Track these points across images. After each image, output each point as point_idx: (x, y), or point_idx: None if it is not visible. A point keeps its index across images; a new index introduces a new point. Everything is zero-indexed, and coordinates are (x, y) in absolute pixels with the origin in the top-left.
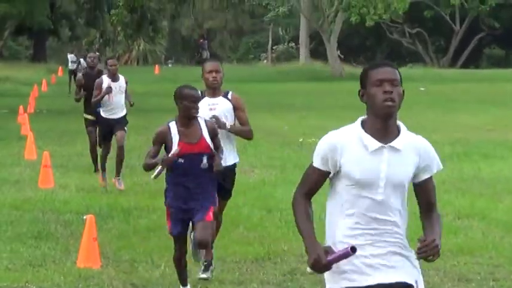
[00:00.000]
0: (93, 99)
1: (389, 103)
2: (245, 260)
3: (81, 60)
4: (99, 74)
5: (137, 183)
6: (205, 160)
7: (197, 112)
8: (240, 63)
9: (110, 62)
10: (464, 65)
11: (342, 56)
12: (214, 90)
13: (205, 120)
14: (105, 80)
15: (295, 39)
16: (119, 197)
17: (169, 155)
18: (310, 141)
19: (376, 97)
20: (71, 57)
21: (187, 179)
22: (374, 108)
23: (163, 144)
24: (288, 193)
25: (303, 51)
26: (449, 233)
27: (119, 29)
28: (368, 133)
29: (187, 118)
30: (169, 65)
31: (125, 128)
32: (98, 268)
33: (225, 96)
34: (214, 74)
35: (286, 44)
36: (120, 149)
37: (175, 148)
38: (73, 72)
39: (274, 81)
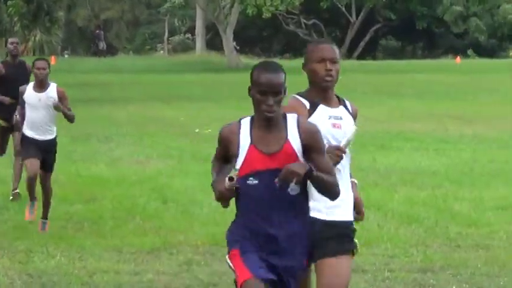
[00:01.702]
0: (15, 115)
1: None
2: (141, 251)
3: None
4: (22, 65)
5: None
6: (293, 182)
7: (272, 112)
8: (136, 54)
9: (37, 63)
10: (361, 56)
11: (238, 47)
12: (326, 93)
13: (298, 118)
14: (29, 89)
15: (192, 30)
16: None
17: (227, 183)
18: (207, 132)
19: None
20: None
21: (266, 214)
22: None
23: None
24: (184, 184)
25: (199, 42)
26: None
27: (16, 19)
28: None
29: (262, 119)
30: (66, 56)
31: (52, 166)
32: None
33: (344, 105)
34: (328, 65)
35: (182, 35)
36: (45, 189)
37: (239, 161)
38: None
39: (171, 72)
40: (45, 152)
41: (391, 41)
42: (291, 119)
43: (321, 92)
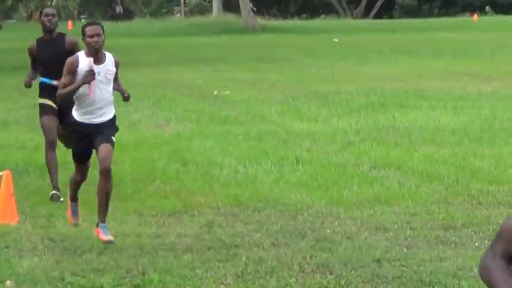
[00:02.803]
0: (60, 91)
1: None
2: (162, 213)
3: None
4: (59, 40)
5: None
6: None
7: None
8: (153, 18)
9: (89, 29)
10: (377, 16)
11: (255, 9)
12: None
13: None
14: (83, 60)
15: None
16: (34, 153)
17: None
18: (225, 94)
19: None
20: None
21: None
22: None
23: None
24: (203, 146)
25: (216, 4)
26: (365, 183)
27: None
28: None
29: None
30: (83, 21)
31: (112, 137)
32: (15, 224)
33: None
34: None
35: None
36: (105, 175)
37: None
38: None
39: (188, 34)
40: (97, 133)
41: None
42: None
43: None
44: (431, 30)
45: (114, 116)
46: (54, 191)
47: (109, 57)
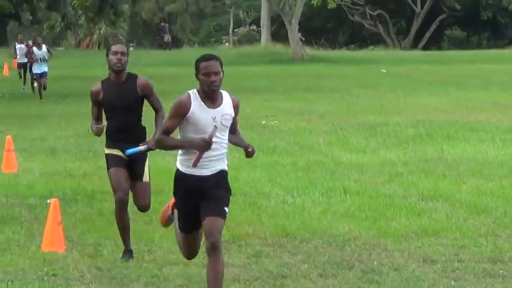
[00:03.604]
0: (161, 137)
1: None
2: None
3: (35, 48)
4: (132, 83)
5: (101, 166)
6: None
7: None
8: (201, 47)
9: (204, 66)
10: (426, 47)
11: (304, 39)
12: None
13: None
14: (196, 102)
15: (257, 21)
16: (83, 181)
17: None
18: (273, 124)
19: None
20: (19, 48)
21: None
22: None
23: None
24: (251, 176)
25: (265, 34)
26: (413, 214)
27: (80, 12)
28: None
29: None
30: (131, 49)
31: (225, 208)
32: (63, 252)
33: None
34: None
35: (247, 26)
36: (212, 253)
37: None
38: (24, 66)
39: (236, 64)
40: (213, 191)
41: (456, 31)
42: None
43: None
44: (479, 62)
45: (226, 172)
46: (126, 255)
47: (226, 98)
